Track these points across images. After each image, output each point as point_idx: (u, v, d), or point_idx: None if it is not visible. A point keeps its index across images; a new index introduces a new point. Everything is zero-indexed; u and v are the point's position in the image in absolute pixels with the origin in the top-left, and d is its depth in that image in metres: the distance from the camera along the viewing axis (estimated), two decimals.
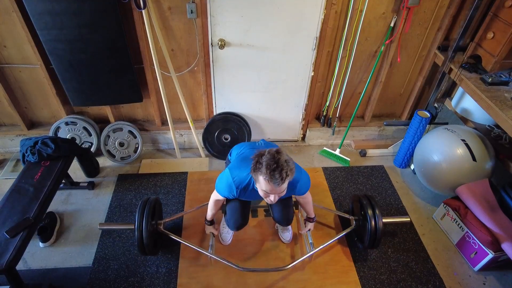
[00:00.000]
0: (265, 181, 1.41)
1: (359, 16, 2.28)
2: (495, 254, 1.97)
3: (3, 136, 2.74)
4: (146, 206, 1.94)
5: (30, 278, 1.97)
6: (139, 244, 1.88)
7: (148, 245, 1.88)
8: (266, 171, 1.39)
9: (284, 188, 1.46)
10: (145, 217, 1.89)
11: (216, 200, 1.89)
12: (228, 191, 1.70)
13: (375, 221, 1.95)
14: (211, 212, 1.98)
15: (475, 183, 2.20)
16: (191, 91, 2.62)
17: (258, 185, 1.51)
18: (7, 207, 1.86)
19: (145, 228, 1.86)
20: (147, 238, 1.86)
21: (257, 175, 1.45)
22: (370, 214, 1.98)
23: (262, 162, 1.41)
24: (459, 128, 2.39)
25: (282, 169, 1.39)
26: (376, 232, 1.95)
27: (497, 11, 2.10)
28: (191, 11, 2.14)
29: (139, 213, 1.90)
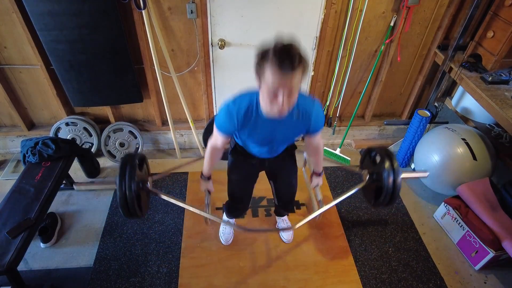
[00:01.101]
0: (273, 70, 1.12)
1: (359, 15, 2.28)
2: (496, 253, 1.97)
3: (3, 137, 2.74)
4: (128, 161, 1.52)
5: (31, 278, 1.98)
6: (122, 205, 1.48)
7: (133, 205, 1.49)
8: (273, 54, 1.11)
9: (295, 82, 1.15)
10: (128, 173, 1.47)
11: (214, 147, 1.55)
12: (227, 117, 1.37)
13: (395, 174, 1.61)
14: (208, 163, 1.66)
15: (476, 182, 2.20)
16: (191, 91, 2.62)
17: (264, 84, 1.19)
18: (8, 208, 1.86)
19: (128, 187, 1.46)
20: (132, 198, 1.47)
21: (263, 68, 1.15)
22: (387, 167, 1.63)
23: (269, 49, 1.14)
24: (460, 127, 2.39)
25: (293, 51, 1.12)
26: (395, 186, 1.62)
27: (497, 10, 2.10)
28: (191, 11, 2.14)
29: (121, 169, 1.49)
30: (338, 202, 1.76)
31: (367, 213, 2.45)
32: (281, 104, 1.19)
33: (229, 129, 1.41)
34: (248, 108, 1.35)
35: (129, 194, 1.45)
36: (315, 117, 1.40)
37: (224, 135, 1.45)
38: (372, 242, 2.25)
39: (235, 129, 1.40)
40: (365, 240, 2.26)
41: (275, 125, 1.38)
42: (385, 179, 1.60)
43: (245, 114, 1.35)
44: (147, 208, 1.72)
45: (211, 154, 1.60)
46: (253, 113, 1.36)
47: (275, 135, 1.43)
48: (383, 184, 1.62)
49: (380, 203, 1.70)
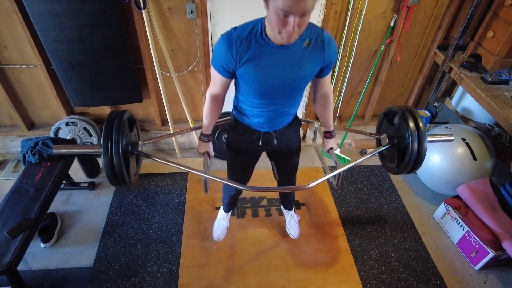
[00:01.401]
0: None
1: (359, 15, 2.28)
2: (495, 253, 1.97)
3: (3, 137, 2.74)
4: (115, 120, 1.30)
5: (31, 278, 1.98)
6: (107, 170, 1.27)
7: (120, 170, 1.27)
8: None
9: (309, 6, 0.99)
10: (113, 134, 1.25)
11: (213, 96, 1.38)
12: (226, 46, 1.17)
13: (420, 137, 1.40)
14: (208, 118, 1.48)
15: (476, 182, 2.20)
16: (191, 91, 2.62)
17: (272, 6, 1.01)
18: (8, 208, 1.86)
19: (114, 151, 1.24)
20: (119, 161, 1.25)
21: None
22: (412, 129, 1.40)
23: None
24: (460, 127, 2.40)
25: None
26: (420, 151, 1.42)
27: (497, 10, 2.10)
28: (191, 11, 2.14)
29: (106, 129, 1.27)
30: (356, 163, 1.56)
31: (367, 213, 2.45)
32: (292, 29, 1.03)
33: (227, 61, 1.20)
34: (251, 32, 1.16)
35: (116, 157, 1.25)
36: (327, 43, 1.22)
37: (223, 74, 1.25)
38: (372, 242, 2.25)
39: (233, 62, 1.19)
40: (365, 240, 2.26)
41: (283, 56, 1.19)
42: (409, 142, 1.40)
43: (247, 37, 1.15)
44: (137, 175, 1.51)
45: (210, 105, 1.41)
46: (256, 38, 1.16)
47: (283, 71, 1.22)
48: (406, 148, 1.42)
49: (401, 170, 1.52)
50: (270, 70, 1.21)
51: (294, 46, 1.17)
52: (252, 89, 1.29)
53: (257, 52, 1.17)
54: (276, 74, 1.23)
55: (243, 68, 1.20)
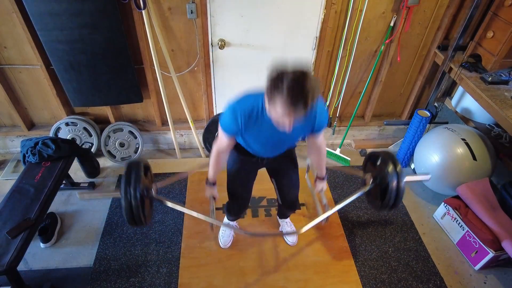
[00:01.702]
0: (284, 105, 1.11)
1: (359, 15, 2.28)
2: (495, 253, 1.97)
3: (3, 137, 2.74)
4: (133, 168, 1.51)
5: (31, 278, 1.97)
6: (127, 213, 1.47)
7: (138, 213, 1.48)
8: (287, 93, 1.08)
9: (304, 114, 1.16)
10: (133, 180, 1.46)
11: (219, 150, 1.55)
12: (232, 120, 1.36)
13: (398, 177, 1.61)
14: (213, 168, 1.65)
15: (476, 182, 2.20)
16: (191, 91, 2.62)
17: (272, 106, 1.16)
18: (8, 208, 1.86)
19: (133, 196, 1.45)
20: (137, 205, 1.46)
21: (274, 95, 1.12)
22: (391, 170, 1.63)
23: (284, 81, 1.09)
24: (459, 127, 2.40)
25: (307, 96, 1.09)
26: (398, 189, 1.62)
27: (497, 10, 2.10)
28: (191, 11, 2.14)
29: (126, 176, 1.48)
30: (343, 205, 1.78)
31: (367, 213, 2.45)
32: (287, 127, 1.21)
33: (233, 129, 1.40)
34: (253, 110, 1.34)
35: (134, 202, 1.45)
36: (319, 115, 1.39)
37: (229, 136, 1.45)
38: (372, 242, 2.26)
39: (239, 130, 1.39)
40: (365, 240, 2.26)
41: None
42: (389, 182, 1.60)
43: (249, 116, 1.34)
44: (151, 216, 1.71)
45: (216, 157, 1.59)
46: (258, 116, 1.34)
47: (280, 137, 1.42)
48: (387, 187, 1.61)
49: (384, 207, 1.70)
50: (267, 135, 1.42)
51: None
52: (253, 141, 1.52)
53: (259, 125, 1.38)
54: (272, 137, 1.45)
55: (245, 133, 1.43)
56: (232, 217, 2.13)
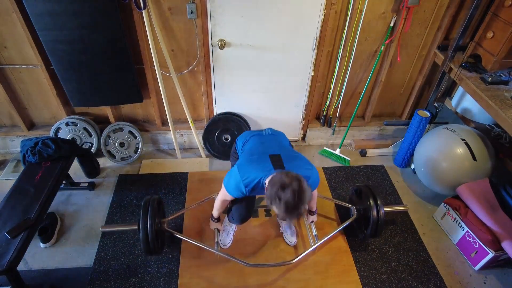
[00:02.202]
0: (282, 215, 1.42)
1: (359, 16, 2.28)
2: (495, 253, 1.97)
3: (3, 137, 2.74)
4: (149, 205, 1.90)
5: (31, 278, 1.98)
6: (144, 245, 1.85)
7: (154, 244, 1.86)
8: (285, 209, 1.38)
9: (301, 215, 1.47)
10: (149, 217, 1.85)
11: (224, 200, 1.85)
12: (238, 192, 1.66)
13: (377, 210, 1.99)
14: (218, 210, 1.93)
15: (475, 183, 2.20)
16: (191, 91, 2.62)
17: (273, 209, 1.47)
18: (8, 208, 1.86)
19: (150, 228, 1.83)
20: (153, 237, 1.84)
21: (272, 205, 1.43)
22: (371, 203, 2.02)
23: (281, 199, 1.37)
24: (459, 128, 2.40)
25: (301, 208, 1.39)
26: (378, 220, 1.99)
27: (497, 11, 2.10)
28: (191, 11, 2.14)
29: (143, 213, 1.87)
30: (330, 236, 2.13)
31: None
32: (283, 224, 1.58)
33: (238, 196, 1.69)
34: (256, 184, 1.60)
35: (151, 235, 1.82)
36: (311, 182, 1.63)
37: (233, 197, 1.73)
38: (372, 242, 2.25)
39: (243, 196, 1.69)
40: (364, 240, 2.26)
41: None
42: (370, 212, 2.00)
43: (252, 188, 1.61)
44: (164, 246, 2.08)
45: (221, 204, 1.87)
46: (259, 185, 1.60)
47: None
48: (369, 217, 2.01)
49: (368, 234, 2.07)
50: None
51: None
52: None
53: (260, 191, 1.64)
54: None
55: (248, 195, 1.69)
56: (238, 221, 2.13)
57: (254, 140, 1.85)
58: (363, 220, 2.14)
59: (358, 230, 2.22)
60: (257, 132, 1.94)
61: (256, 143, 1.82)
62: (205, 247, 2.00)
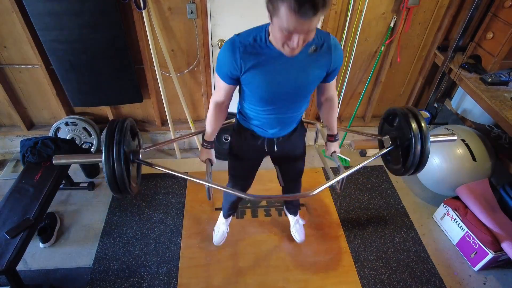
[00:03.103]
0: (290, 13, 0.91)
1: (359, 16, 2.28)
2: (495, 254, 1.97)
3: (3, 136, 2.74)
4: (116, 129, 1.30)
5: (31, 278, 1.97)
6: (109, 179, 1.25)
7: (122, 179, 1.26)
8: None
9: (314, 25, 0.96)
10: (115, 143, 1.24)
11: (217, 102, 1.36)
12: (230, 52, 1.16)
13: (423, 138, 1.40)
14: (212, 124, 1.45)
15: (475, 183, 2.20)
16: (191, 91, 2.62)
17: (276, 19, 0.97)
18: (7, 208, 1.86)
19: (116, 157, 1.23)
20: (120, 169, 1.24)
21: (277, 4, 0.93)
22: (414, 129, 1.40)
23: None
24: (459, 128, 2.40)
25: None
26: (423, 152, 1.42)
27: (497, 11, 2.10)
28: (191, 11, 2.14)
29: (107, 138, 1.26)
30: (359, 168, 1.56)
31: (367, 214, 2.45)
32: (295, 47, 1.02)
33: (231, 68, 1.18)
34: (255, 39, 1.14)
35: (117, 166, 1.23)
36: (334, 48, 1.19)
37: (227, 81, 1.23)
38: (372, 242, 2.26)
39: (238, 69, 1.17)
40: (364, 240, 2.26)
41: (289, 63, 1.16)
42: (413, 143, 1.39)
43: (251, 44, 1.13)
44: (138, 184, 1.49)
45: (214, 111, 1.39)
46: (261, 45, 1.13)
47: (288, 78, 1.20)
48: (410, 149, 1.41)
49: (407, 170, 1.51)
50: (275, 77, 1.18)
51: (300, 54, 1.12)
52: (257, 96, 1.27)
53: (262, 58, 1.14)
54: (281, 81, 1.20)
55: (247, 74, 1.18)
56: (228, 212, 2.08)
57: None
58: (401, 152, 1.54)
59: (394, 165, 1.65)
60: None
61: None
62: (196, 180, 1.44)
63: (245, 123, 1.48)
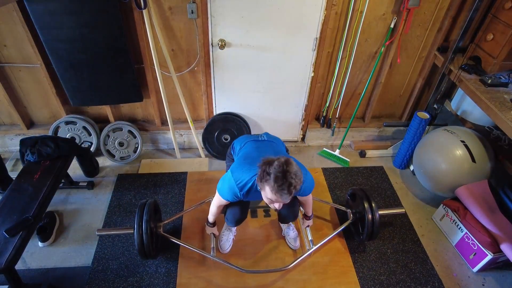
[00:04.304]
0: (272, 192, 1.40)
1: (359, 17, 2.28)
2: (494, 255, 1.97)
3: (2, 135, 2.74)
4: (144, 209, 1.90)
5: (29, 277, 1.97)
6: (139, 248, 1.84)
7: (149, 249, 1.85)
8: (274, 184, 1.36)
9: (291, 198, 1.44)
10: (144, 221, 1.85)
11: (219, 205, 1.86)
12: (232, 196, 1.67)
13: (372, 213, 2.00)
14: (213, 216, 1.95)
15: (474, 184, 2.21)
16: (191, 91, 2.62)
17: (263, 192, 1.48)
18: (6, 207, 1.85)
19: (145, 232, 1.82)
20: (148, 242, 1.83)
21: (264, 185, 1.43)
22: (366, 207, 2.03)
23: (270, 174, 1.37)
24: (459, 129, 2.40)
25: (290, 183, 1.36)
26: (373, 224, 2.00)
27: (497, 13, 2.10)
28: (191, 11, 2.14)
29: (138, 217, 1.87)
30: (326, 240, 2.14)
31: None
32: (277, 208, 1.54)
33: (232, 200, 1.71)
34: (250, 187, 1.62)
35: (146, 239, 1.82)
36: (303, 189, 1.66)
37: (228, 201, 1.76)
38: (371, 243, 2.25)
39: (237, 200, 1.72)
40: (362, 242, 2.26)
41: None
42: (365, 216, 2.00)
43: (246, 192, 1.63)
44: (159, 250, 2.06)
45: (216, 209, 1.88)
46: (253, 188, 1.62)
47: None
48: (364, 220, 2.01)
49: (364, 237, 2.06)
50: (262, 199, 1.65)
51: None
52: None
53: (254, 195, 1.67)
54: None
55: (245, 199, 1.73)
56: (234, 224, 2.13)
57: (249, 145, 1.86)
58: (359, 223, 2.15)
59: (355, 233, 2.22)
60: (254, 137, 1.96)
61: (251, 148, 1.83)
62: (201, 253, 2.03)
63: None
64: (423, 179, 2.56)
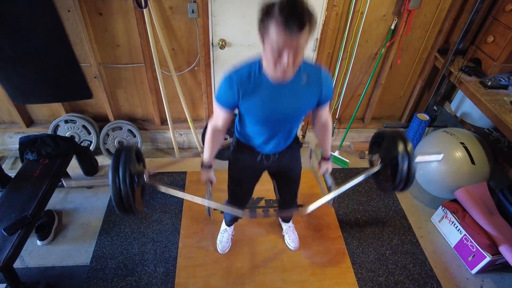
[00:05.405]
0: (278, 29, 1.03)
1: (359, 18, 2.28)
2: (492, 257, 1.97)
3: (2, 133, 2.74)
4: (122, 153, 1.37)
5: (28, 276, 1.97)
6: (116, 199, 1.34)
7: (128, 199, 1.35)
8: (279, 11, 1.01)
9: (302, 42, 1.07)
10: (121, 163, 1.32)
11: (215, 128, 1.43)
12: (228, 86, 1.29)
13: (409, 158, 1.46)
14: (209, 149, 1.51)
15: (474, 186, 2.21)
16: (191, 90, 2.62)
17: (267, 41, 1.11)
18: (5, 205, 1.85)
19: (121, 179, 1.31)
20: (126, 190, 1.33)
21: (267, 25, 1.08)
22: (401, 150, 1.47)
23: (274, 3, 1.05)
24: (458, 131, 2.40)
25: (301, 7, 1.01)
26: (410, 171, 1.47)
27: (497, 15, 2.11)
28: (192, 10, 2.14)
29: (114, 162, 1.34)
30: (350, 186, 1.64)
31: (365, 216, 2.45)
32: (286, 65, 1.11)
33: (229, 99, 1.30)
34: (250, 72, 1.26)
35: (123, 188, 1.31)
36: (325, 80, 1.30)
37: (225, 109, 1.34)
38: (370, 244, 2.26)
39: (236, 99, 1.29)
40: (362, 242, 2.26)
41: (282, 91, 1.25)
42: (399, 163, 1.44)
43: (247, 78, 1.26)
44: (143, 205, 1.57)
45: (212, 136, 1.46)
46: (255, 77, 1.26)
47: (282, 105, 1.29)
48: (397, 168, 1.46)
49: (394, 188, 1.54)
50: (269, 104, 1.28)
51: (292, 83, 1.24)
52: (253, 119, 1.38)
53: (256, 88, 1.26)
54: (275, 108, 1.30)
55: (244, 102, 1.29)
56: (231, 222, 2.13)
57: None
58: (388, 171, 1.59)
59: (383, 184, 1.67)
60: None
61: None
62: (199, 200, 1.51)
63: (243, 139, 1.56)
64: (422, 180, 2.56)
